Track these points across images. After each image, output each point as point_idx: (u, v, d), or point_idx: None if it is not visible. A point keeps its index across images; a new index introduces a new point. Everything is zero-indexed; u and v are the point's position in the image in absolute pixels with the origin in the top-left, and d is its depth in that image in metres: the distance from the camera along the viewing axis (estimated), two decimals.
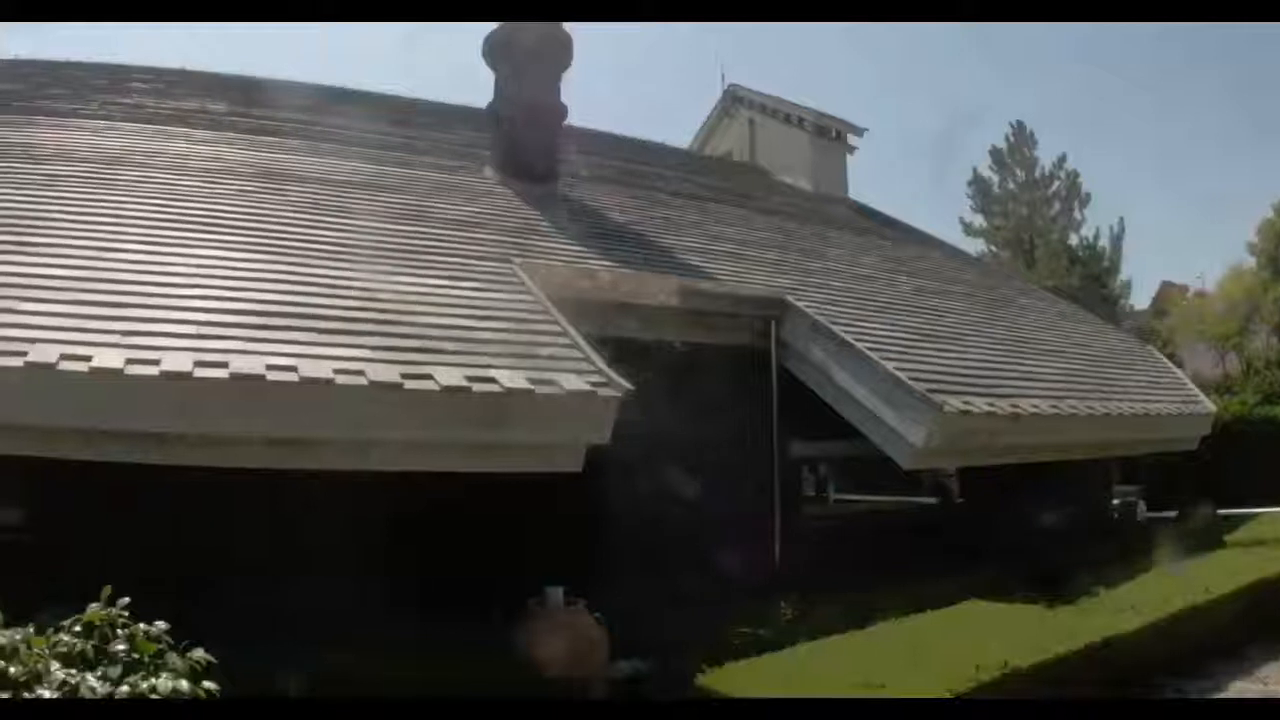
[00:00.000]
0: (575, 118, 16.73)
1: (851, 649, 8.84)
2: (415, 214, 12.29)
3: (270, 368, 7.61)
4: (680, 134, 37.92)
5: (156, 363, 7.39)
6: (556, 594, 9.38)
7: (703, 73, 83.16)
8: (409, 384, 7.99)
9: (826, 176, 24.16)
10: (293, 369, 7.65)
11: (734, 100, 26.30)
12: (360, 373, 7.86)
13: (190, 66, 18.37)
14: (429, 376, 8.15)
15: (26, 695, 5.03)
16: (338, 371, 7.78)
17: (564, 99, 16.19)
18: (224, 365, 7.52)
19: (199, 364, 7.45)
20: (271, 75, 18.36)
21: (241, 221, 10.85)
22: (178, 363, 7.43)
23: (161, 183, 11.90)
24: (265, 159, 13.53)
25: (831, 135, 24.63)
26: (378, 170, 13.88)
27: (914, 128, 71.22)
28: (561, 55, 15.97)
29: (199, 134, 14.57)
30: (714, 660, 8.25)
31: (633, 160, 20.23)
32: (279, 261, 9.77)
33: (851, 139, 25.00)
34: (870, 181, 37.86)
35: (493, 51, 15.91)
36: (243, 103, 16.58)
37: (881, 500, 15.80)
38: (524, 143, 15.54)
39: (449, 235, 11.76)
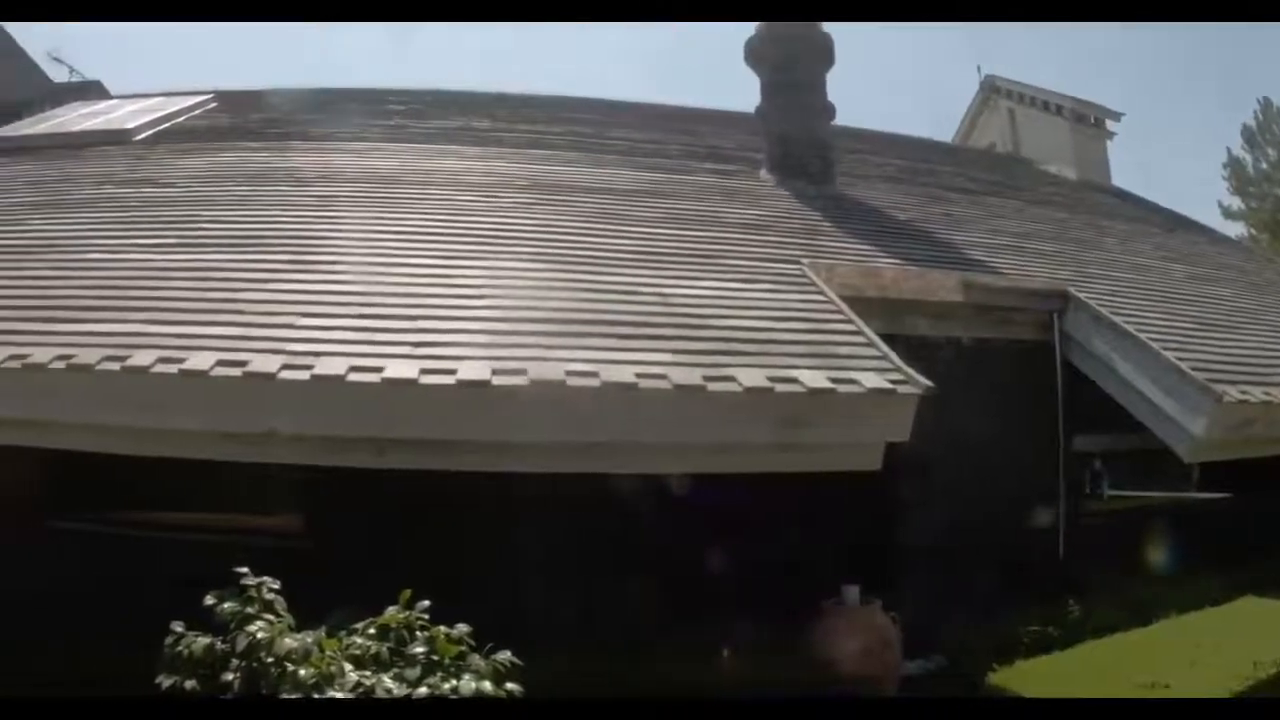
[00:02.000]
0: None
1: (1133, 646, 9.32)
2: (701, 219, 12.16)
3: (570, 374, 7.46)
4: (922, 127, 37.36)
5: (453, 372, 7.36)
6: (853, 593, 9.31)
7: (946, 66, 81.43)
8: (711, 386, 7.71)
9: (1088, 164, 23.39)
10: (594, 374, 7.48)
11: (992, 91, 25.76)
12: (663, 376, 7.63)
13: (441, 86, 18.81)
14: (731, 379, 7.87)
15: (316, 697, 5.22)
16: (640, 376, 7.57)
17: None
18: (522, 372, 7.41)
19: (496, 372, 7.37)
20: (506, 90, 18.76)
21: (527, 232, 10.90)
22: (474, 371, 7.38)
23: (441, 198, 12.14)
24: (543, 171, 13.65)
25: (1090, 122, 23.92)
26: (660, 177, 13.82)
27: (1170, 108, 68.40)
28: (823, 54, 15.79)
29: (470, 150, 14.83)
30: (1004, 658, 8.78)
31: (904, 157, 19.90)
32: (570, 270, 9.77)
33: (1110, 125, 24.27)
34: (1127, 168, 36.56)
35: (754, 54, 15.84)
36: (507, 119, 16.86)
37: (1152, 496, 15.30)
38: (796, 143, 15.33)
39: (736, 238, 11.59)
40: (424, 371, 7.38)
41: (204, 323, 8.68)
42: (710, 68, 72.03)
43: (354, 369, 7.49)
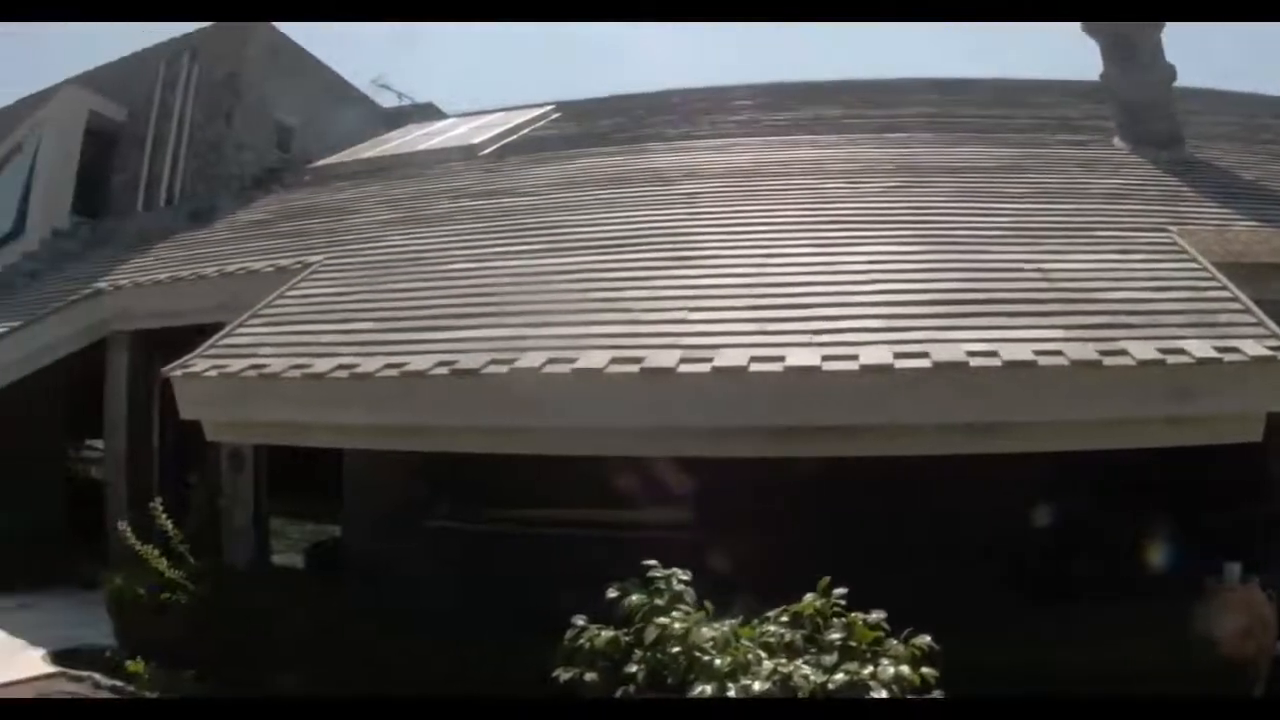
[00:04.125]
0: None
1: None
2: (1065, 191, 11.91)
3: (971, 354, 7.40)
4: None
5: (854, 358, 7.39)
6: (1234, 570, 8.82)
7: None
8: (1107, 361, 7.54)
9: None
10: (994, 354, 7.41)
11: None
12: (1059, 353, 7.51)
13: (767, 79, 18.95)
14: (1123, 352, 7.68)
15: (731, 685, 5.23)
16: (1038, 353, 7.46)
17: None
18: (924, 355, 7.39)
19: (899, 355, 7.38)
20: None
21: (899, 215, 10.84)
22: (876, 356, 7.40)
23: (807, 187, 12.20)
24: (900, 154, 13.54)
25: None
26: (1016, 152, 13.58)
27: None
28: None
29: (825, 139, 14.80)
30: None
31: (1236, 114, 18.79)
32: (948, 250, 9.69)
33: None
34: None
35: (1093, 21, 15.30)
36: (855, 104, 16.83)
37: None
38: (1143, 108, 14.77)
39: (1103, 209, 11.29)
40: (825, 358, 7.42)
41: (590, 322, 9.03)
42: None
43: (755, 359, 7.58)
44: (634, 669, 5.72)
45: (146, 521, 11.36)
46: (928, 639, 5.39)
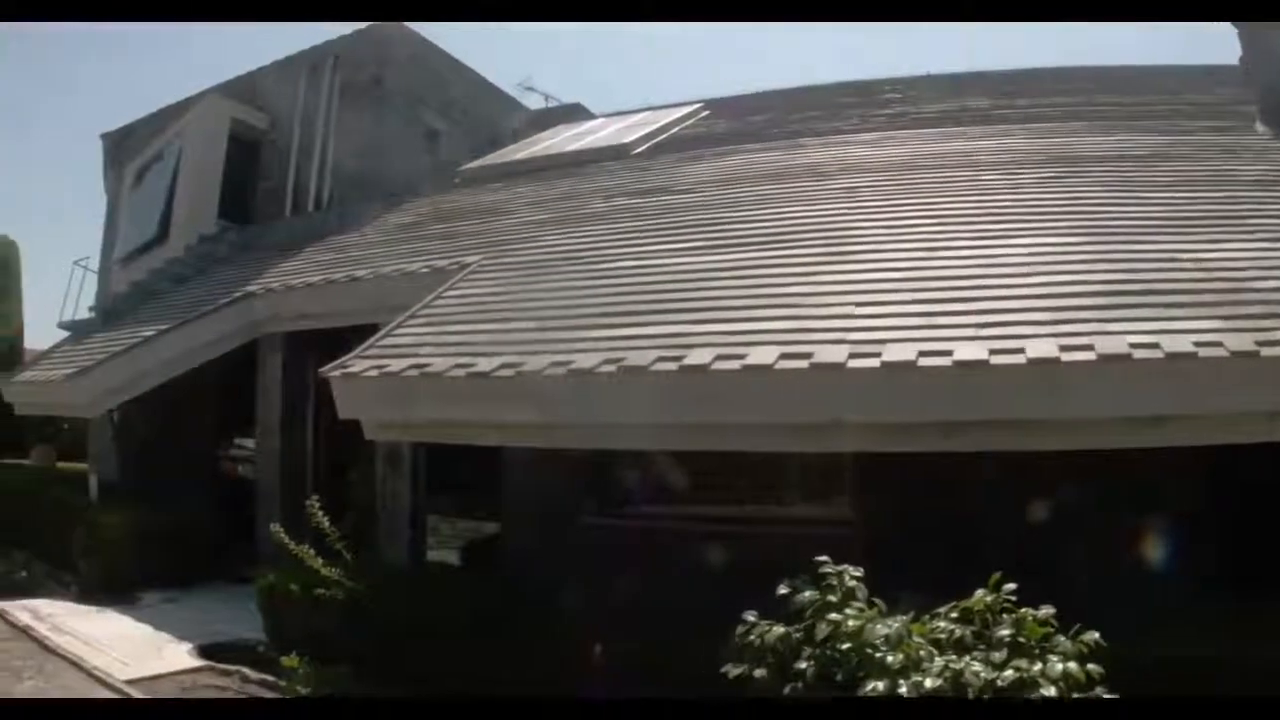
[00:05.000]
0: None
1: None
2: (1214, 179, 11.74)
3: (1134, 345, 7.44)
4: None
5: (1021, 351, 7.46)
6: None
7: None
8: (1265, 351, 7.46)
9: None
10: (1155, 345, 7.44)
11: None
12: (1218, 344, 7.49)
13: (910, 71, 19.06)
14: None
15: (902, 682, 5.25)
16: (1198, 345, 7.47)
17: None
18: (1089, 348, 7.43)
19: (1064, 348, 7.42)
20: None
21: (1054, 206, 10.76)
22: (1042, 349, 7.45)
23: (962, 180, 12.19)
24: (1051, 144, 13.46)
25: None
26: (1162, 140, 13.41)
27: None
28: None
29: (975, 130, 14.85)
30: None
31: None
32: (1105, 240, 9.63)
33: None
34: None
35: None
36: (1000, 95, 16.84)
37: None
38: None
39: (1252, 196, 11.09)
40: (993, 352, 7.50)
41: (756, 318, 9.11)
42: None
43: (923, 353, 7.62)
44: (803, 665, 5.79)
45: (296, 520, 11.73)
46: (1095, 635, 5.40)
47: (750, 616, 6.22)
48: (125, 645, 12.20)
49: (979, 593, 5.84)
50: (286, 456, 16.90)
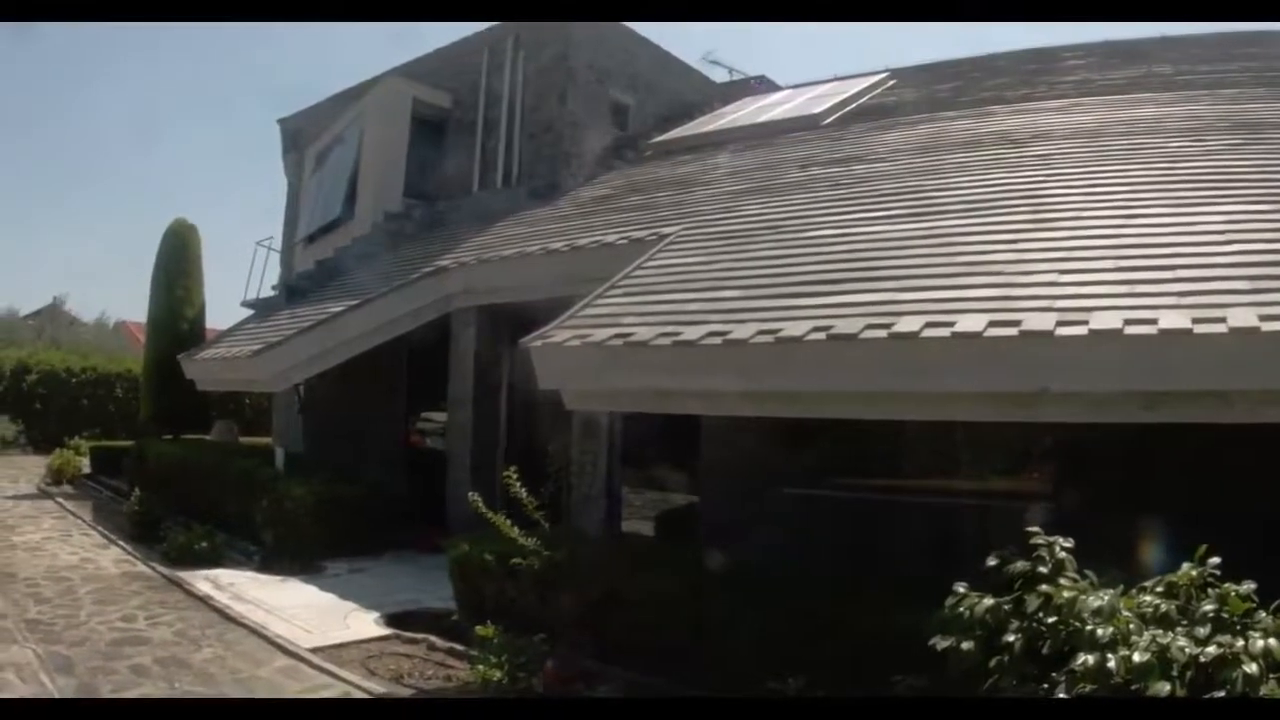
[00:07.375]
0: None
1: None
2: None
3: None
4: None
5: (1223, 320, 7.29)
6: None
7: None
8: None
9: None
10: None
11: None
12: None
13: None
14: None
15: (1110, 656, 5.35)
16: None
17: None
18: None
19: (1263, 318, 7.27)
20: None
21: (1245, 173, 10.63)
22: (1243, 319, 7.28)
23: (1153, 147, 12.18)
24: (1237, 110, 13.31)
25: None
26: None
27: None
28: None
29: (1163, 96, 14.81)
30: None
31: None
32: None
33: None
34: None
35: None
36: (1184, 61, 16.75)
37: None
38: None
39: None
40: (1196, 321, 7.33)
41: (961, 285, 9.20)
42: None
43: (1129, 321, 7.50)
44: (1010, 638, 5.90)
45: (488, 491, 12.16)
46: None
47: (960, 588, 6.37)
48: (309, 614, 12.82)
49: (1184, 566, 5.92)
50: (478, 428, 17.60)
